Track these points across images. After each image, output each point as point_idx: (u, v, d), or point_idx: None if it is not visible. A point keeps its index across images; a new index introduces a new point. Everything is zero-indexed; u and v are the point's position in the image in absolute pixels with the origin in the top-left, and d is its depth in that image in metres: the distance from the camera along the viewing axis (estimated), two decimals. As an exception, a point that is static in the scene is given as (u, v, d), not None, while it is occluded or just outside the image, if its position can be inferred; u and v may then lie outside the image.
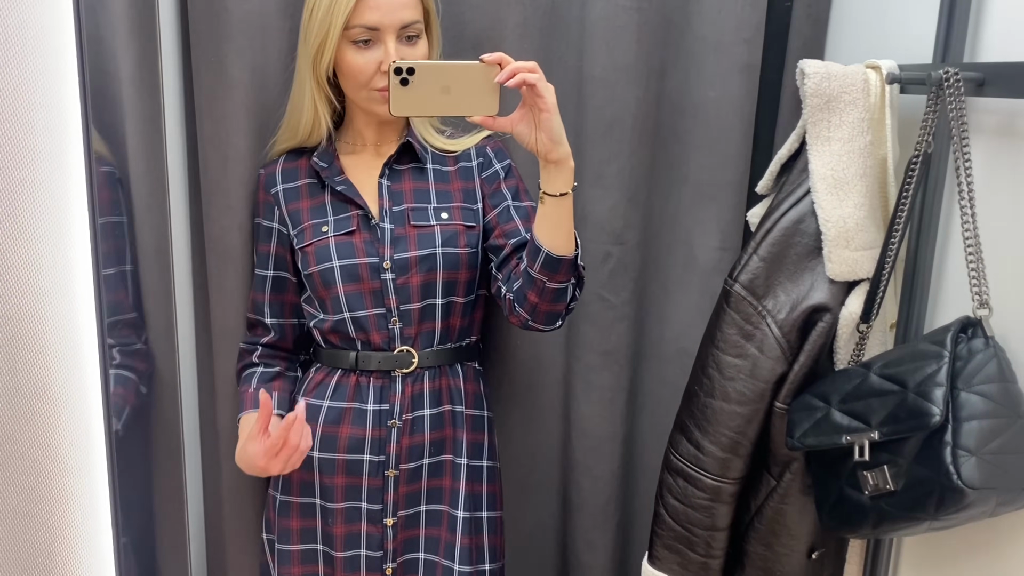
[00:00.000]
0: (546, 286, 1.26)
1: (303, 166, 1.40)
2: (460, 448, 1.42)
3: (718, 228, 1.56)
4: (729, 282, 1.30)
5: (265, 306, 1.44)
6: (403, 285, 1.35)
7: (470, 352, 1.46)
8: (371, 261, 1.34)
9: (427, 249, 1.35)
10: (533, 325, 1.33)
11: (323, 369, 1.41)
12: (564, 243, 1.23)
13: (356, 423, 1.37)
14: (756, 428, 1.29)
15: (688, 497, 1.35)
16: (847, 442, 1.16)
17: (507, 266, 1.35)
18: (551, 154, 1.16)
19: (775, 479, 1.32)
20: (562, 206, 1.21)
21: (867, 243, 1.24)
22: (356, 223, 1.36)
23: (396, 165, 1.39)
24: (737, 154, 1.53)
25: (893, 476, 1.12)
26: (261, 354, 1.45)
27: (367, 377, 1.38)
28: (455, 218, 1.37)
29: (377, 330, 1.37)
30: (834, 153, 1.25)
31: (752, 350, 1.28)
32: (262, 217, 1.42)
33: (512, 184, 1.42)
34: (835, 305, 1.25)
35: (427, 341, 1.39)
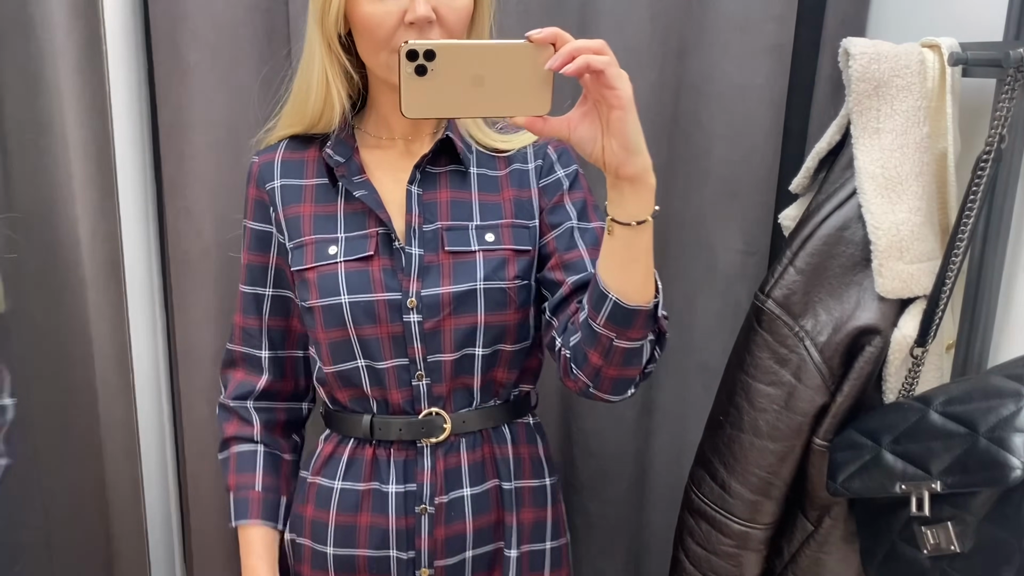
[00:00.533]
0: (614, 345, 0.92)
1: (311, 159, 1.08)
2: (512, 535, 1.08)
3: (743, 229, 1.39)
4: (761, 298, 1.13)
5: (263, 335, 1.11)
6: (433, 330, 1.02)
7: (521, 407, 1.13)
8: (392, 297, 1.02)
9: (466, 283, 1.02)
10: (596, 394, 0.99)
11: (332, 438, 1.10)
12: (640, 288, 0.90)
13: (377, 509, 1.05)
14: (791, 467, 1.12)
15: (712, 543, 1.19)
16: (902, 491, 0.99)
17: (564, 311, 1.02)
18: (625, 167, 0.82)
19: (812, 524, 1.15)
20: (638, 239, 0.87)
21: (924, 254, 1.06)
22: (375, 245, 1.03)
23: (430, 167, 1.06)
24: (765, 146, 1.35)
25: (959, 535, 0.95)
26: (258, 416, 1.13)
27: (386, 449, 1.06)
28: (503, 240, 1.05)
29: (398, 387, 1.04)
30: (885, 147, 1.07)
31: (787, 377, 1.10)
32: (253, 219, 1.09)
33: (579, 197, 1.08)
34: (886, 326, 1.07)
35: (463, 400, 1.07)
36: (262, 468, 1.11)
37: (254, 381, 1.12)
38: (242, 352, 1.12)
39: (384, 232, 1.03)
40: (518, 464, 1.10)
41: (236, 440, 1.12)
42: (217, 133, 1.27)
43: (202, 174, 1.27)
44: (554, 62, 0.78)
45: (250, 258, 1.10)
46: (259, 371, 1.12)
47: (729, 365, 1.19)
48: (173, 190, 1.28)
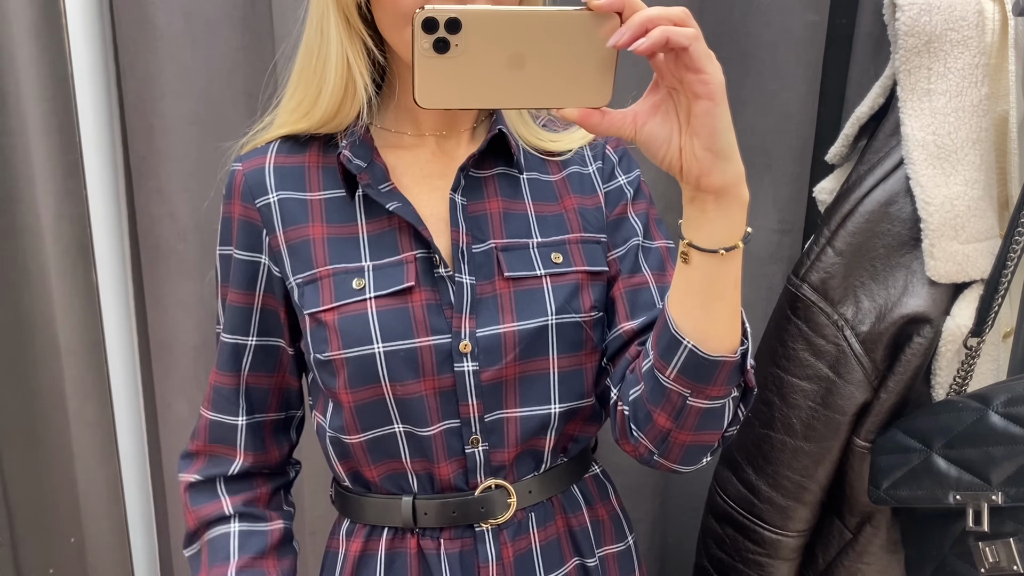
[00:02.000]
0: (688, 404, 0.72)
1: (313, 164, 0.83)
2: None
3: (775, 206, 1.26)
4: (795, 282, 1.01)
5: (239, 397, 0.86)
6: (492, 382, 0.79)
7: (587, 456, 0.91)
8: (439, 341, 0.78)
9: (534, 319, 0.79)
10: (661, 462, 0.78)
11: (359, 531, 0.85)
12: (724, 333, 0.70)
13: None
14: (828, 470, 1.01)
15: (739, 551, 1.08)
16: (956, 502, 0.88)
17: (624, 353, 0.82)
18: (710, 176, 0.62)
19: (851, 532, 1.04)
20: (724, 270, 0.67)
21: (982, 233, 0.94)
22: (414, 273, 0.79)
23: (475, 170, 0.83)
24: (799, 112, 1.22)
25: (1021, 553, 0.84)
26: (232, 495, 0.87)
27: (435, 539, 0.82)
28: (574, 261, 0.82)
29: (447, 458, 0.81)
30: (937, 111, 0.94)
31: (825, 371, 0.99)
32: (237, 245, 0.83)
33: (642, 209, 0.87)
34: (937, 315, 0.95)
35: (529, 467, 0.84)
36: (238, 551, 0.85)
37: (228, 459, 0.86)
38: (212, 420, 0.86)
39: (424, 256, 0.79)
40: (597, 529, 0.88)
41: (206, 527, 0.86)
42: (191, 105, 1.15)
43: (175, 151, 1.15)
44: (621, 36, 0.58)
45: (231, 296, 0.84)
46: (232, 445, 0.86)
47: (759, 357, 1.07)
48: (143, 169, 1.16)
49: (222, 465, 0.86)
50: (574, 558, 0.86)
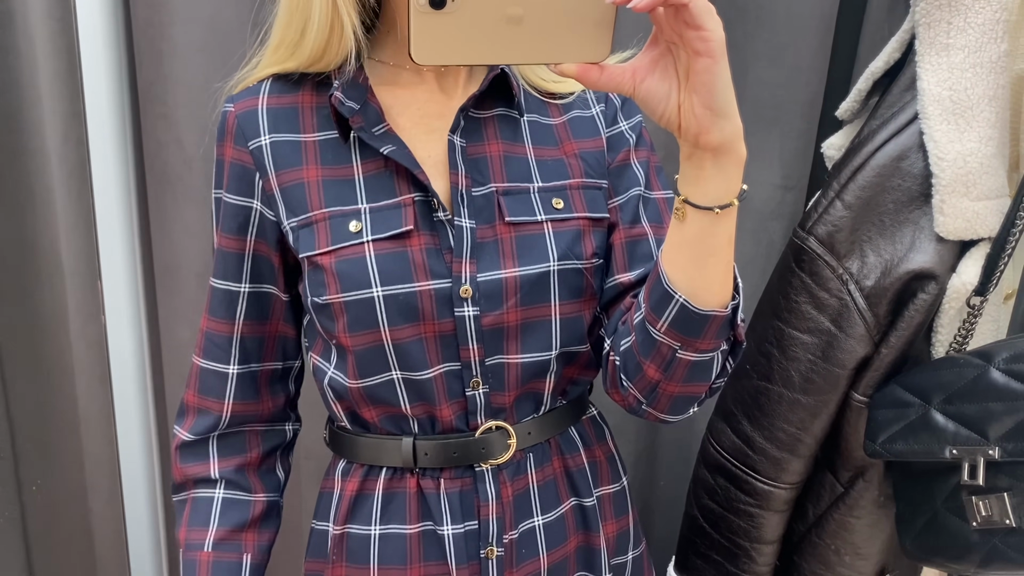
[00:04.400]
0: (678, 356, 0.73)
1: (308, 104, 0.81)
2: (597, 559, 0.89)
3: (781, 161, 1.25)
4: (801, 235, 1.00)
5: (232, 345, 0.83)
6: (493, 326, 0.78)
7: (584, 399, 0.91)
8: (439, 286, 0.77)
9: (536, 265, 0.78)
10: (649, 411, 0.79)
11: (355, 471, 0.85)
12: (717, 288, 0.69)
13: (432, 557, 0.82)
14: (824, 424, 1.02)
15: (731, 501, 1.09)
16: (952, 457, 0.89)
17: (617, 304, 0.82)
18: (708, 134, 0.61)
19: (843, 485, 1.05)
20: (718, 228, 0.67)
21: (993, 191, 0.93)
22: (412, 217, 0.77)
23: (475, 111, 0.82)
24: (810, 67, 1.21)
25: (1015, 508, 0.85)
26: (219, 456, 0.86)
27: (434, 479, 0.82)
28: (576, 207, 0.81)
29: (448, 400, 0.80)
30: (955, 66, 0.93)
31: (827, 324, 0.99)
32: (228, 189, 0.80)
33: (644, 157, 0.86)
34: (943, 271, 0.95)
35: (529, 408, 0.84)
36: (217, 519, 0.84)
37: (217, 412, 0.85)
38: (204, 368, 0.84)
39: (423, 199, 0.78)
40: (595, 470, 0.89)
41: (192, 483, 0.86)
42: (200, 32, 1.14)
43: (183, 78, 1.14)
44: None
45: (222, 241, 0.82)
46: (221, 397, 0.84)
47: (760, 310, 1.07)
48: (150, 95, 1.15)
49: (211, 419, 0.85)
50: (571, 498, 0.87)
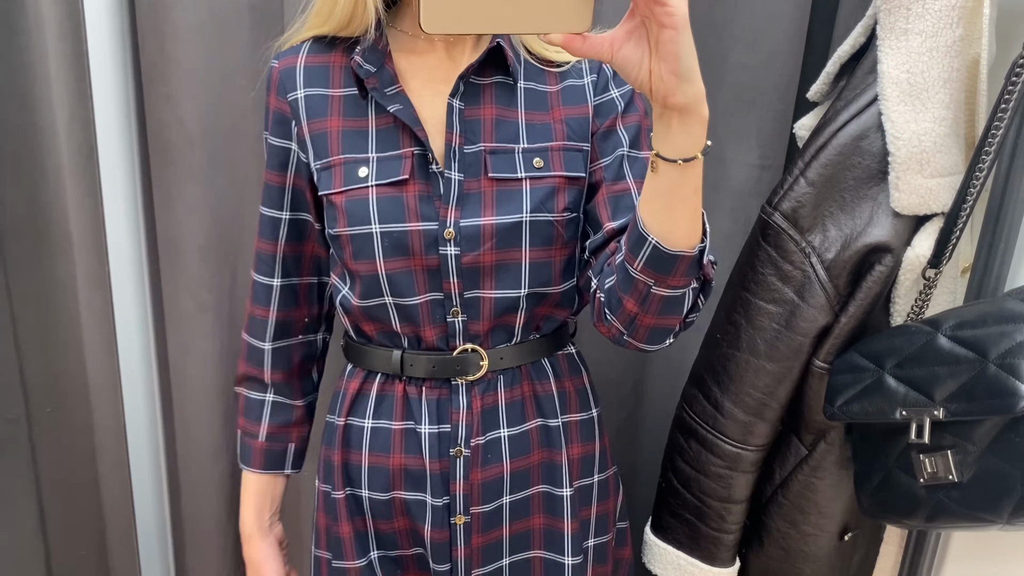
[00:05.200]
0: (652, 292, 0.85)
1: (338, 64, 0.96)
2: (559, 475, 1.03)
3: (758, 142, 1.30)
4: (768, 210, 1.06)
5: (276, 262, 1.03)
6: (471, 265, 0.93)
7: (561, 337, 1.05)
8: (427, 228, 0.92)
9: (510, 215, 0.92)
10: (630, 342, 0.92)
11: (358, 373, 1.03)
12: (685, 231, 0.80)
13: (410, 450, 0.99)
14: (788, 389, 1.07)
15: (702, 463, 1.15)
16: (902, 417, 0.94)
17: (604, 250, 0.94)
18: (674, 96, 0.71)
19: (806, 448, 1.11)
20: (685, 177, 0.77)
21: (946, 168, 0.98)
22: (410, 167, 0.92)
23: (476, 77, 0.95)
24: (786, 51, 1.26)
25: (958, 465, 0.91)
26: (270, 359, 1.06)
27: (418, 387, 0.99)
28: (554, 166, 0.94)
29: (431, 324, 0.96)
30: (912, 50, 0.98)
31: (790, 295, 1.04)
32: (273, 133, 0.98)
33: (633, 121, 0.98)
34: (898, 245, 1.00)
35: (502, 337, 0.99)
36: (268, 418, 1.08)
37: (265, 316, 1.05)
38: (256, 281, 1.05)
39: (420, 153, 0.93)
40: (563, 399, 1.03)
41: (247, 381, 1.08)
42: (201, 16, 1.19)
43: (186, 59, 1.19)
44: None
45: (268, 176, 1.01)
46: (269, 302, 1.04)
47: (730, 282, 1.13)
48: (153, 76, 1.20)
49: (262, 325, 1.05)
50: (537, 419, 1.01)
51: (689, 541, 1.20)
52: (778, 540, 1.16)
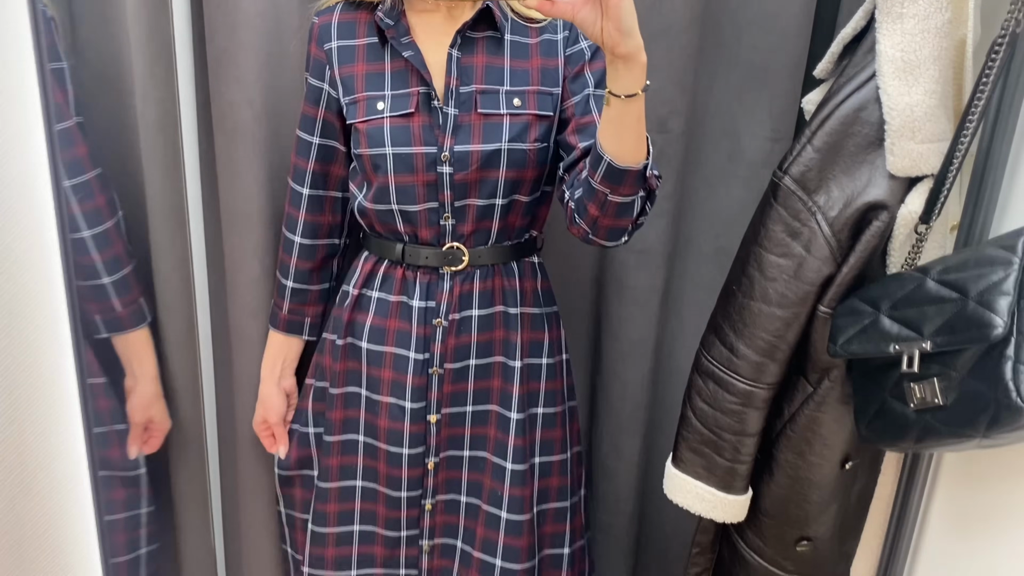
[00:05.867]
0: (608, 199, 1.12)
1: (363, 20, 1.25)
2: (513, 350, 1.33)
3: (770, 116, 1.44)
4: (778, 174, 1.20)
5: (307, 175, 1.33)
6: (461, 181, 1.23)
7: (529, 247, 1.36)
8: (428, 151, 1.21)
9: (492, 144, 1.21)
10: (594, 239, 1.21)
11: (371, 258, 1.33)
12: (632, 151, 1.08)
13: (403, 317, 1.31)
14: (796, 332, 1.21)
15: (718, 401, 1.29)
16: (895, 351, 1.08)
17: (574, 169, 1.21)
18: (619, 47, 0.97)
19: (812, 386, 1.24)
20: (630, 109, 1.03)
21: (935, 135, 1.12)
22: (416, 103, 1.21)
23: (471, 32, 1.23)
24: (796, 33, 1.40)
25: (943, 390, 1.04)
26: (298, 253, 1.36)
27: (414, 271, 1.30)
28: (529, 105, 1.23)
29: (427, 225, 1.27)
30: (906, 32, 1.11)
31: (798, 249, 1.18)
32: (311, 75, 1.28)
33: (599, 67, 1.24)
34: (893, 203, 1.14)
35: (481, 239, 1.29)
36: (289, 299, 1.39)
37: (296, 216, 1.35)
38: (291, 187, 1.34)
39: (425, 92, 1.21)
40: (522, 294, 1.33)
41: (279, 267, 1.39)
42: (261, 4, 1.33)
43: (252, 44, 1.33)
44: None
45: (305, 108, 1.30)
46: (299, 206, 1.34)
47: (745, 239, 1.26)
48: (223, 60, 1.33)
49: (293, 222, 1.35)
50: (500, 306, 1.32)
51: (706, 472, 1.33)
52: (786, 470, 1.30)
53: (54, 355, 0.65)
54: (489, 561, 1.36)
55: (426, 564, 1.41)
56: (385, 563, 1.41)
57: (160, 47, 1.29)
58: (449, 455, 1.37)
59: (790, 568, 1.35)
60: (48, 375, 0.64)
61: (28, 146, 0.62)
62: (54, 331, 0.65)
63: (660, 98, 1.40)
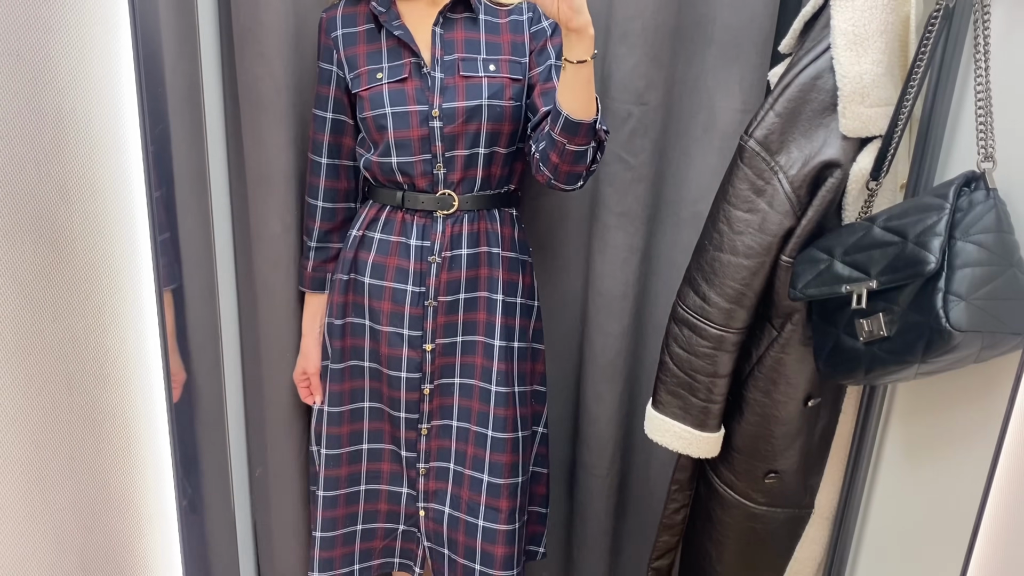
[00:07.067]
0: (566, 148, 1.35)
1: (362, 11, 1.48)
2: (496, 285, 1.53)
3: (741, 90, 1.57)
4: (744, 138, 1.33)
5: (323, 146, 1.53)
6: (450, 133, 1.44)
7: (508, 199, 1.57)
8: (421, 109, 1.43)
9: (474, 100, 1.43)
10: (556, 184, 1.44)
11: (375, 205, 1.54)
12: (584, 108, 1.31)
13: (402, 255, 1.51)
14: (761, 280, 1.34)
15: (692, 346, 1.42)
16: (846, 291, 1.21)
17: (540, 127, 1.43)
18: (571, 22, 1.21)
19: (776, 330, 1.38)
20: (581, 73, 1.27)
21: (882, 100, 1.25)
22: (408, 71, 1.44)
23: (450, 14, 1.47)
24: (763, 14, 1.53)
25: (887, 323, 1.18)
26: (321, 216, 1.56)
27: (412, 215, 1.50)
28: (502, 71, 1.46)
29: (423, 174, 1.47)
30: (856, 8, 1.25)
31: (762, 205, 1.31)
32: (322, 60, 1.50)
33: (558, 43, 1.47)
34: (846, 161, 1.27)
35: (468, 187, 1.49)
36: (313, 259, 1.60)
37: (317, 183, 1.56)
38: (311, 159, 1.54)
39: (415, 62, 1.45)
40: (502, 238, 1.55)
41: (305, 230, 1.60)
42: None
43: (274, 22, 1.47)
44: None
45: (319, 89, 1.53)
46: (319, 174, 1.55)
47: (716, 198, 1.40)
48: (247, 38, 1.47)
49: (315, 190, 1.56)
50: (484, 246, 1.53)
51: (682, 412, 1.47)
52: (755, 408, 1.43)
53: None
54: (477, 477, 1.55)
55: (423, 486, 1.58)
56: (391, 480, 1.60)
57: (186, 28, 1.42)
58: (442, 383, 1.56)
59: (760, 500, 1.48)
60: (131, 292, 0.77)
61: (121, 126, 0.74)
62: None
63: (637, 72, 1.54)
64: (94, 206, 0.72)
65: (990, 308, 1.07)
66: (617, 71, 1.56)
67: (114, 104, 0.72)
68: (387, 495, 1.62)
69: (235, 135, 1.59)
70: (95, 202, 0.71)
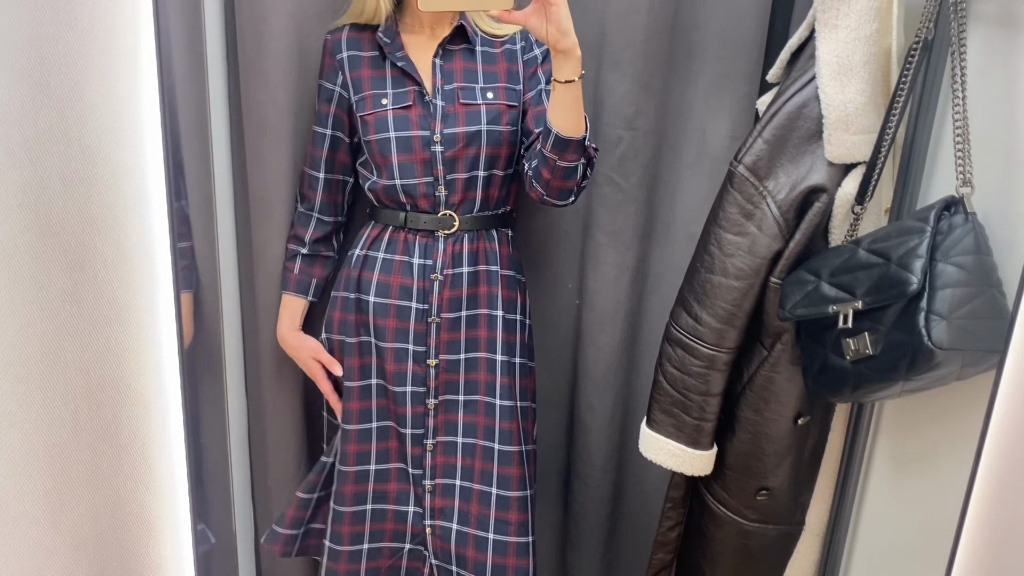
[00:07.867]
0: (557, 164, 1.42)
1: (367, 39, 1.54)
2: (496, 302, 1.59)
3: (730, 117, 1.63)
4: (734, 163, 1.38)
5: (321, 162, 1.60)
6: (451, 157, 1.51)
7: (505, 220, 1.63)
8: (423, 134, 1.50)
9: (474, 126, 1.50)
10: (548, 200, 1.50)
11: (378, 226, 1.59)
12: (573, 126, 1.38)
13: (405, 274, 1.56)
14: (751, 301, 1.39)
15: (685, 365, 1.46)
16: (833, 312, 1.26)
17: (533, 147, 1.50)
18: (560, 44, 1.28)
19: (767, 350, 1.42)
20: (570, 92, 1.35)
21: (866, 127, 1.30)
22: (412, 98, 1.51)
23: (449, 46, 1.54)
24: (752, 44, 1.59)
25: (872, 342, 1.22)
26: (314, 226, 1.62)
27: (414, 235, 1.56)
28: (499, 98, 1.53)
29: (425, 196, 1.54)
30: (840, 40, 1.30)
31: (752, 228, 1.36)
32: (325, 79, 1.56)
33: (548, 68, 1.55)
34: (832, 186, 1.32)
35: (468, 208, 1.56)
36: (300, 264, 1.65)
37: (313, 197, 1.62)
38: (308, 173, 1.61)
39: (418, 90, 1.52)
40: (501, 257, 1.61)
41: (293, 239, 1.65)
42: (288, 21, 1.52)
43: (278, 52, 1.52)
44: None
45: (319, 107, 1.58)
46: (315, 189, 1.61)
47: (707, 221, 1.44)
48: (252, 67, 1.52)
49: (311, 202, 1.63)
50: (484, 265, 1.59)
51: (676, 431, 1.50)
52: (746, 426, 1.47)
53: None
54: (487, 491, 1.58)
55: (429, 503, 1.61)
56: (397, 499, 1.63)
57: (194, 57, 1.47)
58: (447, 399, 1.60)
59: (752, 517, 1.51)
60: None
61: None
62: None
63: (627, 99, 1.60)
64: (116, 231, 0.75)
65: (970, 327, 1.11)
66: (609, 97, 1.61)
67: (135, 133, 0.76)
68: (393, 514, 1.63)
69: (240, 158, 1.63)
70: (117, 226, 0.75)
